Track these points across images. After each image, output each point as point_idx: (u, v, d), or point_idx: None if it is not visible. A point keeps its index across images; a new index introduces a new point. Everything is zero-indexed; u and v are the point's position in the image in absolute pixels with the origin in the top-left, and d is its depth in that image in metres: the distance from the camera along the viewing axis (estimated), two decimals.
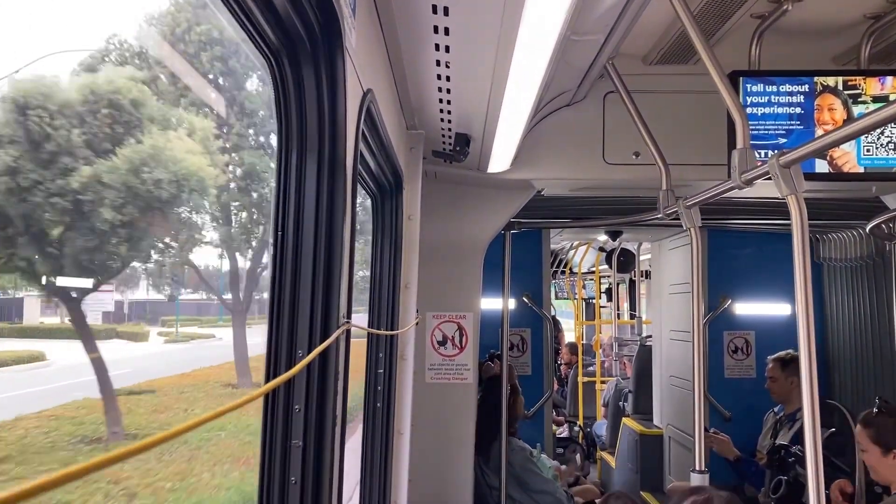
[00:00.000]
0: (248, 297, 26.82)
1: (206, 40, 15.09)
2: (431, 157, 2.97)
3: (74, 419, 11.27)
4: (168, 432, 0.73)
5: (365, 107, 1.61)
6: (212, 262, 23.98)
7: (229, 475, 10.09)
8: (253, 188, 16.96)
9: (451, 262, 3.63)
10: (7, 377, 14.70)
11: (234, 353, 17.64)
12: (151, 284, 21.59)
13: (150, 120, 11.76)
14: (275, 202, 1.35)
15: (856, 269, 4.70)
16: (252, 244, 19.84)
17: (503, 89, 2.12)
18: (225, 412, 0.85)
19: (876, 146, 2.59)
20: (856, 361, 4.72)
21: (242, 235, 19.06)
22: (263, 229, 17.85)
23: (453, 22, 1.69)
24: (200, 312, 55.32)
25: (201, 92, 15.28)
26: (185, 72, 15.03)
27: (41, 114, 10.47)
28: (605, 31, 2.29)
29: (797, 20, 2.57)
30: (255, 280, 22.74)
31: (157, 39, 15.17)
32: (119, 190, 10.90)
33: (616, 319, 9.00)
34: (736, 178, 2.19)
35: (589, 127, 3.22)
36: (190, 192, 11.82)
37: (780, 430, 4.31)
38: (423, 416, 3.18)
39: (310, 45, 1.28)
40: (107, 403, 11.33)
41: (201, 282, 23.11)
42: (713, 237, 5.16)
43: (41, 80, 10.73)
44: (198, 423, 0.78)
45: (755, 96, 2.57)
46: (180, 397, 14.05)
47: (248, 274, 24.31)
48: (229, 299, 26.01)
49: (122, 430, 10.99)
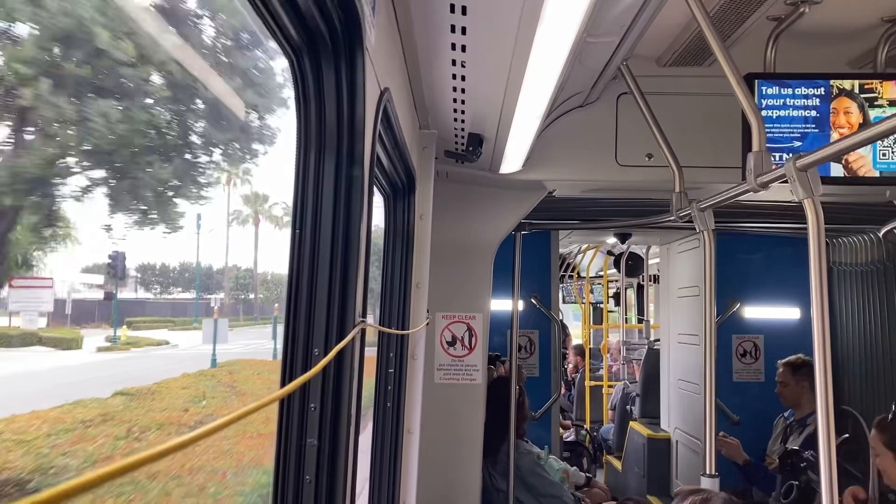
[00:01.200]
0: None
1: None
2: (443, 157, 2.96)
3: None
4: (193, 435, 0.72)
5: (382, 106, 1.61)
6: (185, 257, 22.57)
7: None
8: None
9: (462, 262, 3.63)
10: None
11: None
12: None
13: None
14: (293, 200, 1.35)
15: (867, 274, 4.67)
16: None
17: (518, 90, 2.11)
18: (246, 414, 0.85)
19: (892, 150, 2.58)
20: (866, 367, 4.69)
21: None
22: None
23: (471, 21, 1.69)
24: (175, 313, 50.69)
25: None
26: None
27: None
28: (621, 33, 2.28)
29: (813, 23, 2.56)
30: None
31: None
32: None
33: (624, 323, 8.98)
34: (751, 180, 2.18)
35: (602, 128, 3.21)
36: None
37: (791, 434, 4.29)
38: (431, 417, 3.18)
39: (331, 43, 1.28)
40: None
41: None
42: (722, 240, 5.14)
43: None
44: (222, 424, 0.78)
45: (771, 99, 2.55)
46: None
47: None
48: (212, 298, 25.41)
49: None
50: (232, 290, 61.80)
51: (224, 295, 59.79)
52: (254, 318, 57.74)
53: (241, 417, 0.83)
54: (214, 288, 62.00)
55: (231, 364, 21.21)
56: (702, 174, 3.03)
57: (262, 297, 62.25)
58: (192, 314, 49.59)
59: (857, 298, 4.77)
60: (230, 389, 16.30)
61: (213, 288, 61.95)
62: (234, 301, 61.01)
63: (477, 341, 3.68)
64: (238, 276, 62.96)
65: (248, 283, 62.64)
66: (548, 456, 4.36)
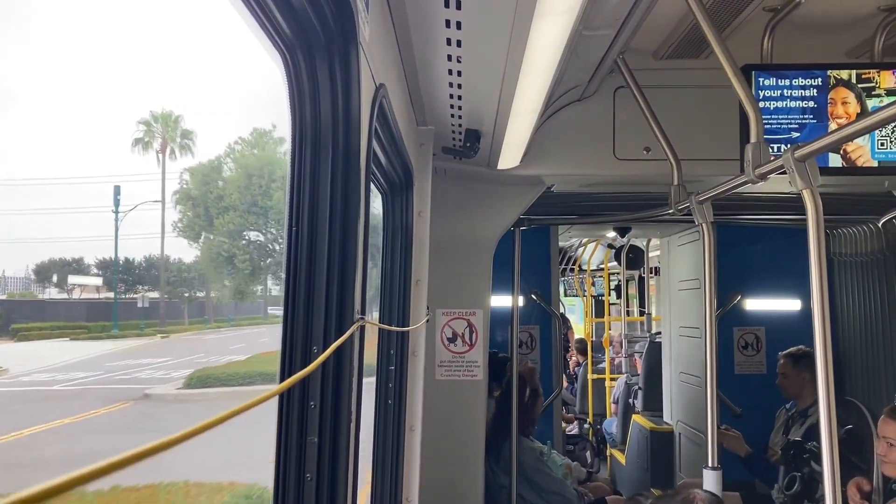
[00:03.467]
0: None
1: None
2: (441, 154, 2.96)
3: None
4: (186, 432, 0.72)
5: (377, 102, 1.60)
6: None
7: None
8: None
9: (461, 258, 3.62)
10: None
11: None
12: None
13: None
14: (289, 197, 1.34)
15: (867, 265, 4.67)
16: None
17: (514, 85, 2.11)
18: (242, 411, 0.85)
19: (890, 140, 2.57)
20: (867, 357, 4.69)
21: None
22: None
23: (465, 16, 1.68)
24: (93, 316, 40.59)
25: None
26: None
27: None
28: (617, 26, 2.27)
29: (810, 13, 2.55)
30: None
31: None
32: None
33: (625, 316, 8.97)
34: (749, 172, 2.17)
35: (599, 122, 3.20)
36: None
37: (792, 426, 4.29)
38: (433, 414, 3.18)
39: (324, 39, 1.27)
40: None
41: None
42: (722, 233, 5.13)
43: None
44: (215, 422, 0.78)
45: (768, 90, 2.55)
46: None
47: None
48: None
49: None
50: (173, 285, 48.14)
51: (159, 292, 46.93)
52: (204, 321, 47.11)
53: (237, 413, 0.83)
54: (152, 282, 48.59)
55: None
56: (700, 167, 3.02)
57: (217, 295, 48.53)
58: (132, 316, 41.17)
59: (858, 289, 4.77)
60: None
61: (151, 282, 48.62)
62: (175, 299, 48.08)
63: (478, 337, 3.67)
64: (182, 268, 49.85)
65: (193, 276, 49.27)
66: (550, 452, 4.37)
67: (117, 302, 41.83)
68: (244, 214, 38.92)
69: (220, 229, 39.42)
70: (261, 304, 54.03)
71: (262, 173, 38.63)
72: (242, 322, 49.79)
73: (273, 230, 39.40)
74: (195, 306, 50.29)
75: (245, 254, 39.87)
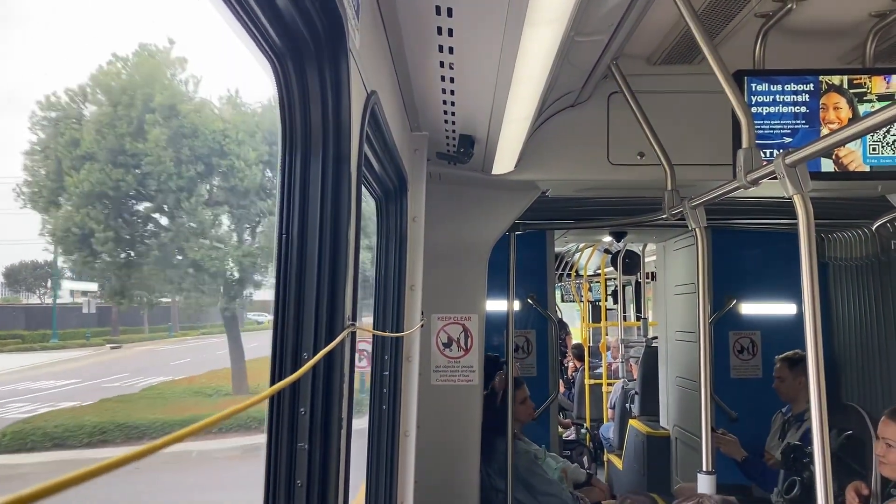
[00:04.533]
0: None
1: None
2: (435, 159, 2.96)
3: None
4: (176, 434, 0.72)
5: (369, 109, 1.61)
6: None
7: None
8: None
9: (456, 263, 3.63)
10: None
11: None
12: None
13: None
14: (279, 204, 1.35)
15: (861, 269, 4.68)
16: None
17: (507, 90, 2.11)
18: (231, 414, 0.85)
19: (882, 145, 2.58)
20: (862, 361, 4.70)
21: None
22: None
23: (457, 23, 1.69)
24: (32, 323, 31.46)
25: None
26: None
27: None
28: (609, 32, 2.28)
29: (802, 19, 2.56)
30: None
31: None
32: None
33: (622, 321, 8.98)
34: (741, 177, 2.18)
35: (593, 128, 3.21)
36: None
37: (789, 430, 4.30)
38: (428, 419, 3.18)
39: (314, 46, 1.28)
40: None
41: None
42: (718, 237, 5.13)
43: None
44: (204, 425, 0.78)
45: (760, 95, 2.56)
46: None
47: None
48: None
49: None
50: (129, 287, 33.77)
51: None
52: (167, 329, 34.72)
53: (227, 417, 0.83)
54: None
55: None
56: (693, 172, 3.03)
57: (185, 301, 30.90)
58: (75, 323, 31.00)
59: (853, 293, 4.78)
60: None
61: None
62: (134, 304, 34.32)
63: (473, 342, 3.68)
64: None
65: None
66: (546, 454, 4.37)
67: (56, 307, 33.22)
68: (106, 166, 20.36)
69: (74, 191, 21.03)
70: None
71: (134, 100, 19.58)
72: (214, 329, 36.91)
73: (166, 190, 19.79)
74: (161, 311, 36.50)
75: (108, 230, 21.12)
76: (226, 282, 20.36)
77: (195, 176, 18.95)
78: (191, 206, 19.09)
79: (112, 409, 15.34)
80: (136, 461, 0.64)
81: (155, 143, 18.52)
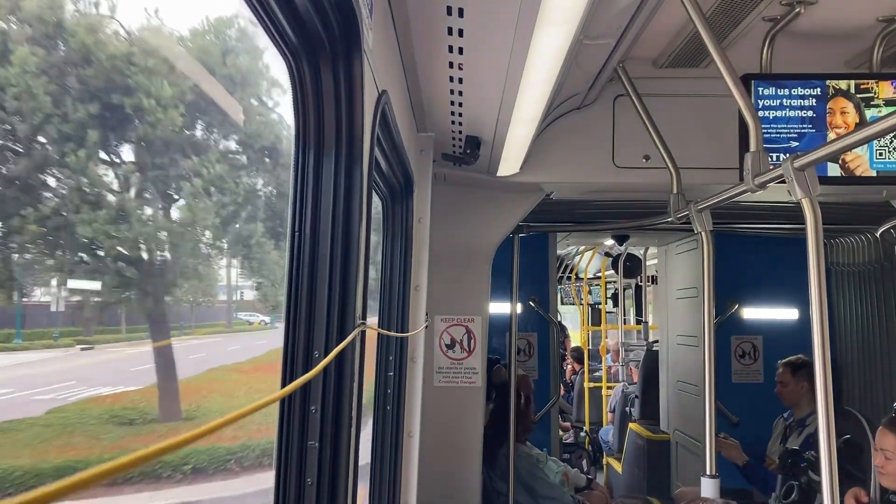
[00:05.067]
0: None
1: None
2: (441, 160, 2.96)
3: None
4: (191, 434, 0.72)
5: (380, 108, 1.61)
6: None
7: None
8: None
9: (460, 265, 3.63)
10: None
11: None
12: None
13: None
14: (291, 202, 1.35)
15: (865, 274, 4.68)
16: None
17: (515, 93, 2.12)
18: (245, 415, 0.85)
19: (889, 150, 2.58)
20: (864, 367, 4.69)
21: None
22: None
23: (468, 24, 1.69)
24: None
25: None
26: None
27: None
28: (617, 35, 2.28)
29: (809, 23, 2.57)
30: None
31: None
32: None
33: (622, 325, 8.98)
34: (749, 181, 2.18)
35: (599, 130, 3.21)
36: None
37: (790, 435, 4.29)
38: (431, 420, 3.17)
39: (329, 45, 1.28)
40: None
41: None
42: (721, 242, 5.14)
43: None
44: (221, 423, 0.78)
45: (767, 99, 2.56)
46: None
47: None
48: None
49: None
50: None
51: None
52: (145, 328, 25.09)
53: (240, 417, 0.83)
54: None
55: None
56: (699, 175, 3.03)
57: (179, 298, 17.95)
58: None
59: (855, 299, 4.78)
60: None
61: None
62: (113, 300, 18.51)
63: (476, 344, 3.68)
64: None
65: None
66: (547, 458, 4.36)
67: (21, 304, 27.74)
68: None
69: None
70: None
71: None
72: (200, 331, 29.89)
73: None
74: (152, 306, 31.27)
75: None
76: (141, 269, 13.78)
77: (86, 119, 12.19)
78: (79, 163, 12.48)
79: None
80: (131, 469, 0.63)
81: (21, 66, 11.78)
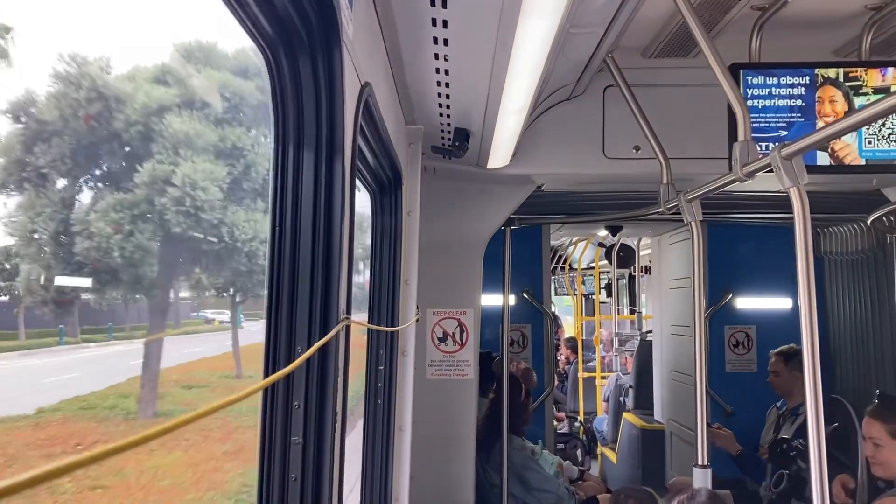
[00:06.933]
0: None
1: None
2: (430, 153, 2.95)
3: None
4: (168, 424, 0.71)
5: (363, 100, 1.59)
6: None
7: None
8: None
9: (452, 258, 3.62)
10: None
11: None
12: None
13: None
14: (272, 196, 1.33)
15: (857, 263, 4.69)
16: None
17: (502, 83, 2.10)
18: (224, 406, 0.84)
19: (877, 138, 2.58)
20: (857, 355, 4.71)
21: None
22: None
23: (452, 15, 1.68)
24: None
25: None
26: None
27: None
28: (605, 24, 2.27)
29: (797, 12, 2.56)
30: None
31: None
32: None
33: (616, 315, 8.99)
34: (737, 170, 2.18)
35: (589, 121, 3.20)
36: None
37: (783, 424, 4.30)
38: (423, 413, 3.17)
39: (307, 36, 1.26)
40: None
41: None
42: (714, 231, 5.15)
43: None
44: (198, 416, 0.77)
45: (756, 89, 2.55)
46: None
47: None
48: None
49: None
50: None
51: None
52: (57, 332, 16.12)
53: (220, 408, 0.83)
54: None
55: None
56: (689, 165, 3.02)
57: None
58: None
59: (848, 287, 4.79)
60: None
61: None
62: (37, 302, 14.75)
63: (468, 337, 3.67)
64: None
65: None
66: (542, 451, 4.37)
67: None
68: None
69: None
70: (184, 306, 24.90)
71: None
72: (135, 333, 18.94)
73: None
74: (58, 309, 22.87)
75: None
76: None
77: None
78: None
79: None
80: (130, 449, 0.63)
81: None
